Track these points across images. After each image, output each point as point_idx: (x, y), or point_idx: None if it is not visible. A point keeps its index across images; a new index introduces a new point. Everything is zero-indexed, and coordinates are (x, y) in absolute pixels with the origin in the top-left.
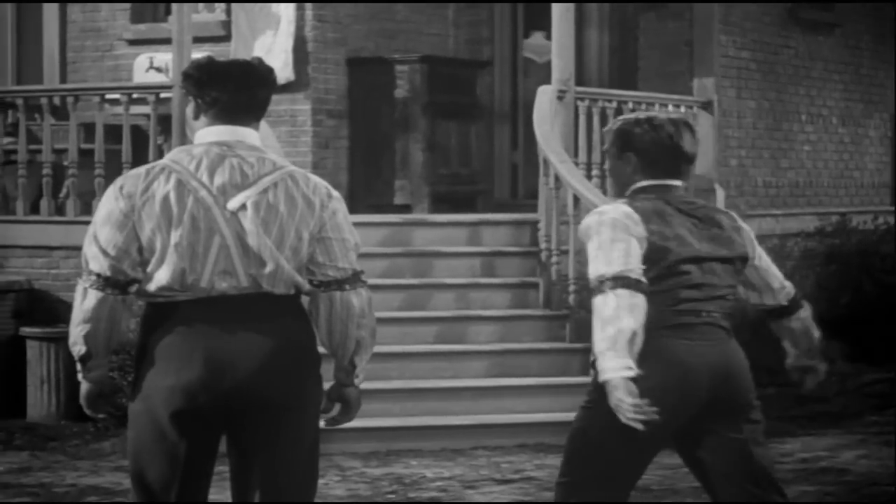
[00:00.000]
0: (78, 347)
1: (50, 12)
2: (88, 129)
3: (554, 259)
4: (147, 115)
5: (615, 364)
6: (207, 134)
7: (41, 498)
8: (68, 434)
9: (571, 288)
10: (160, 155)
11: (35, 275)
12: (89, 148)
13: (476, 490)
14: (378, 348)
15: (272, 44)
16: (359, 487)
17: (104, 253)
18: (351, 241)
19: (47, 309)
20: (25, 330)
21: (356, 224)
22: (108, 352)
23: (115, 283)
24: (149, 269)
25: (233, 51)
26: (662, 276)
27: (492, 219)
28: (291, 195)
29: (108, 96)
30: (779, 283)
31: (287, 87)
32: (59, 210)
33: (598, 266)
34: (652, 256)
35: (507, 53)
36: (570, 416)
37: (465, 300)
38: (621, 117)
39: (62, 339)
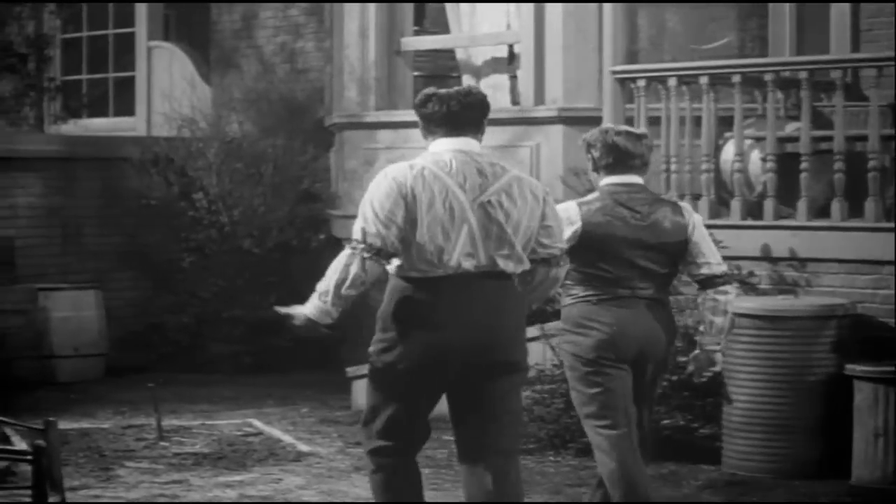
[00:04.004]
0: (332, 300)
1: None
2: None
3: None
4: None
5: None
6: (443, 143)
7: None
8: None
9: None
10: None
11: (858, 296)
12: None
13: None
14: None
15: None
16: None
17: (386, 227)
18: (562, 225)
19: (876, 339)
20: (851, 368)
21: None
22: (350, 303)
23: (386, 255)
24: (411, 247)
25: None
26: None
27: None
28: (523, 192)
29: None
30: None
31: None
32: (888, 214)
33: None
34: None
35: None
36: None
37: None
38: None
39: None
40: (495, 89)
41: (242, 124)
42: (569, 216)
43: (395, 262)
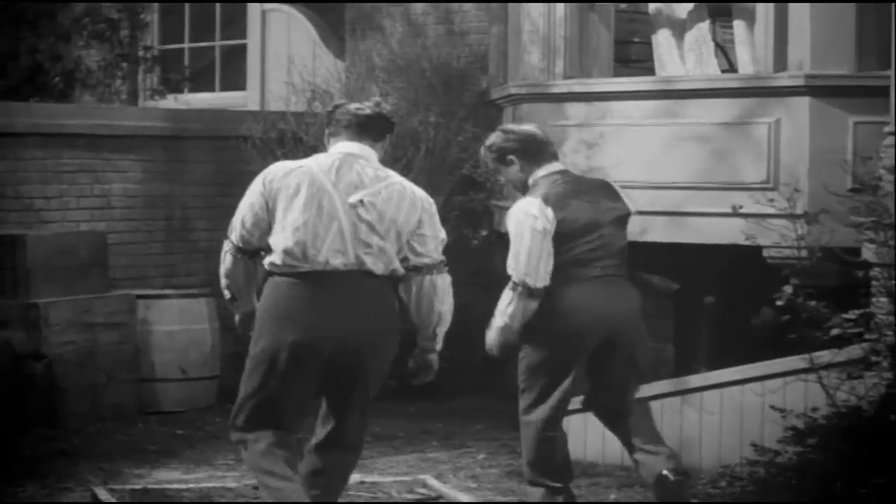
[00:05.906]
0: (226, 293)
1: None
2: None
3: None
4: None
5: None
6: (339, 146)
7: None
8: None
9: None
10: None
11: None
12: None
13: None
14: None
15: None
16: None
17: (242, 226)
18: (440, 237)
19: None
20: None
21: None
22: (250, 292)
23: (246, 251)
24: (276, 242)
25: None
26: None
27: None
28: (402, 198)
29: None
30: None
31: None
32: None
33: None
34: None
35: None
36: None
37: None
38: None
39: None
40: (701, 55)
41: (387, 97)
42: (540, 209)
43: (269, 258)
